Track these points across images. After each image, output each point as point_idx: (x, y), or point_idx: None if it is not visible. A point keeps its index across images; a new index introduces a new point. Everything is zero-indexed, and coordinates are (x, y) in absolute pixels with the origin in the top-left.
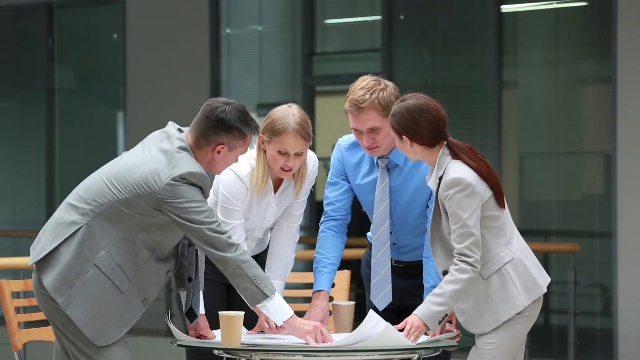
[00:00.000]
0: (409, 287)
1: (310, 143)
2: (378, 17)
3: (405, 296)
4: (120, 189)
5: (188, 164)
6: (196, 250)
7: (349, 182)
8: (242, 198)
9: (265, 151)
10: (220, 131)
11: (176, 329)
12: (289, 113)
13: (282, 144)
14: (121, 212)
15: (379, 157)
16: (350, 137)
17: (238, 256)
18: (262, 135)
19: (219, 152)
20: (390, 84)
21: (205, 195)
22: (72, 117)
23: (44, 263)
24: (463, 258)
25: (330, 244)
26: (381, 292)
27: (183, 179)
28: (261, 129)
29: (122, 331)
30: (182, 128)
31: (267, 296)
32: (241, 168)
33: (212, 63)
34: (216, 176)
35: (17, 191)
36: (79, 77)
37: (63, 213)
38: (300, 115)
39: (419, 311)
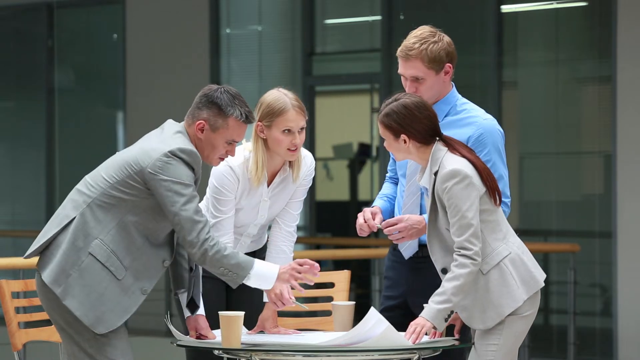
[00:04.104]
0: (423, 286)
1: (307, 118)
2: (378, 17)
3: (415, 294)
4: (113, 174)
5: (180, 143)
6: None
7: None
8: (232, 188)
9: (264, 140)
10: (202, 106)
11: (176, 330)
12: (282, 93)
13: (286, 121)
14: (112, 198)
15: None
16: None
17: (207, 247)
18: (260, 122)
19: (202, 131)
20: (446, 38)
21: (197, 175)
22: (72, 117)
23: (42, 260)
24: (462, 252)
25: (386, 187)
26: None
27: (174, 155)
28: (257, 117)
29: (122, 318)
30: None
31: (242, 280)
32: (234, 158)
33: (212, 63)
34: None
35: (17, 191)
36: (79, 77)
37: (61, 208)
38: (293, 93)
39: (424, 312)
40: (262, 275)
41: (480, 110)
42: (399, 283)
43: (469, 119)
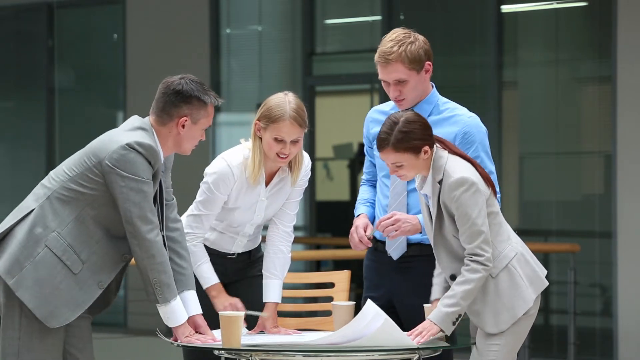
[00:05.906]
0: (413, 285)
1: (307, 130)
2: (378, 17)
3: (403, 295)
4: (73, 167)
5: (137, 137)
6: (163, 236)
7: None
8: (225, 190)
9: (261, 138)
10: (180, 103)
11: (167, 339)
12: (285, 100)
13: (279, 131)
14: (71, 191)
15: None
16: (379, 107)
17: (149, 254)
18: (258, 122)
19: (183, 126)
20: (420, 37)
21: (155, 171)
22: (72, 117)
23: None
24: (474, 258)
25: (366, 191)
26: (396, 241)
27: (131, 147)
28: (257, 116)
29: (75, 313)
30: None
31: (160, 303)
32: (233, 157)
33: (212, 63)
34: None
35: (17, 191)
36: (79, 77)
37: (23, 201)
38: (296, 102)
39: (431, 315)
40: (174, 312)
41: (463, 108)
42: (381, 284)
43: (454, 117)
